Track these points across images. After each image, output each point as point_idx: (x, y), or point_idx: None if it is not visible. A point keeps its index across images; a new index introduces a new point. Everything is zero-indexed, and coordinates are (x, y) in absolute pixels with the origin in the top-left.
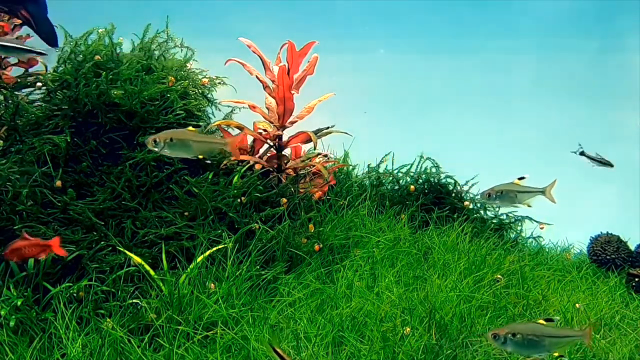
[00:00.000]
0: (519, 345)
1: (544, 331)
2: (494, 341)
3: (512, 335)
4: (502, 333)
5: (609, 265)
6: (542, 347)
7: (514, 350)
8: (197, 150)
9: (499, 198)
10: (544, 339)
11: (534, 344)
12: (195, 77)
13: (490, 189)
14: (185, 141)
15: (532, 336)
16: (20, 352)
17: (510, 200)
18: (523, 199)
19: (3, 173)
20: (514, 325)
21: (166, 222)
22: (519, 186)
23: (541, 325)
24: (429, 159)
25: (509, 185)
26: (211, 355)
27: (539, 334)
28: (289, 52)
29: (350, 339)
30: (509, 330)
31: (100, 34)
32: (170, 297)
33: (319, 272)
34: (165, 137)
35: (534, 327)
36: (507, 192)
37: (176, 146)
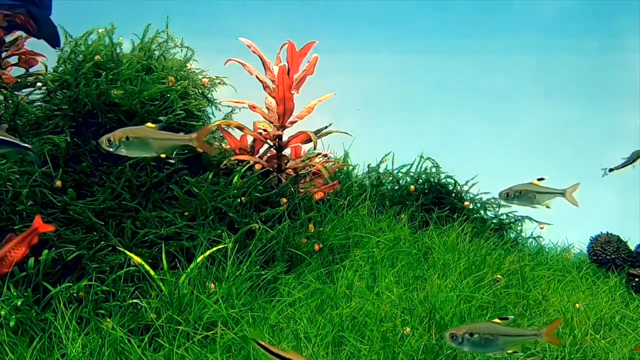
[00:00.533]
0: (476, 345)
1: (499, 330)
2: (452, 341)
3: (470, 335)
4: (460, 333)
5: (609, 265)
6: (497, 345)
7: (470, 349)
8: (157, 148)
9: (517, 198)
10: (498, 338)
11: (490, 343)
12: (195, 77)
13: (509, 188)
14: (143, 139)
15: (488, 335)
16: (20, 352)
17: (529, 200)
18: (542, 200)
19: (3, 173)
20: (471, 325)
21: (166, 222)
22: (538, 187)
23: (497, 324)
24: (429, 159)
25: (528, 185)
26: (211, 355)
27: (495, 333)
28: (289, 52)
29: (350, 339)
30: (467, 330)
31: (100, 34)
32: (170, 297)
33: (319, 272)
34: (121, 136)
35: (490, 326)
36: (526, 193)
37: (133, 144)
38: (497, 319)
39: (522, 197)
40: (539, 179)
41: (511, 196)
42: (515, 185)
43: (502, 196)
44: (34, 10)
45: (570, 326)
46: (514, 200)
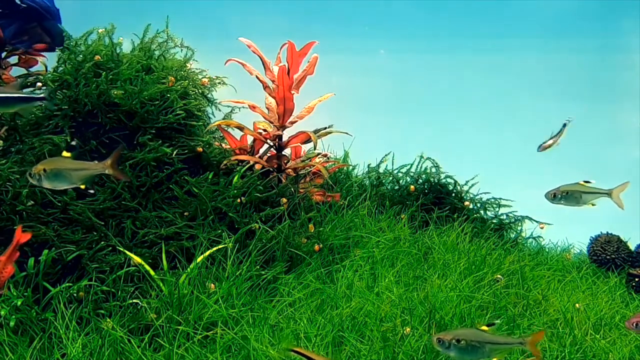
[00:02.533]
0: (462, 351)
1: (485, 338)
2: (439, 346)
3: (457, 341)
4: (447, 338)
5: (609, 265)
6: (483, 353)
7: (456, 355)
8: (75, 179)
9: (564, 198)
10: (485, 345)
11: (476, 350)
12: (195, 77)
13: (556, 189)
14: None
15: (475, 342)
16: (20, 352)
17: (575, 201)
18: (587, 200)
19: (3, 173)
20: (457, 331)
21: (166, 222)
22: (585, 187)
23: (483, 331)
24: (429, 159)
25: (574, 186)
26: (211, 355)
27: (481, 341)
28: (289, 52)
29: (350, 339)
30: (454, 336)
31: (100, 34)
32: (170, 297)
33: (319, 272)
34: (40, 169)
35: (476, 333)
36: (573, 193)
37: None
38: (484, 326)
39: (569, 197)
40: (585, 182)
41: (558, 197)
42: (562, 186)
43: (548, 197)
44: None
45: (570, 326)
46: (561, 200)
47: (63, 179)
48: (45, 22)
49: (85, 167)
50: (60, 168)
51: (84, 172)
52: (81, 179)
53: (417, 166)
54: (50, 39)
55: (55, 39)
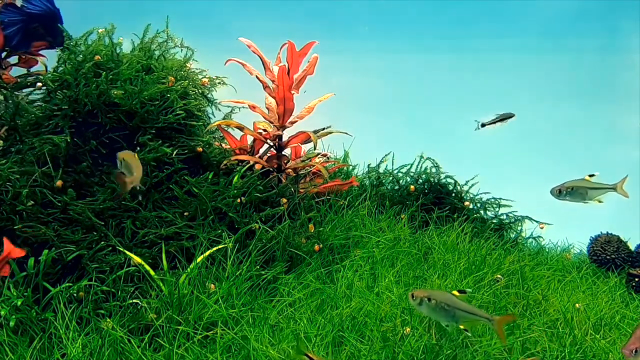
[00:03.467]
0: (432, 310)
1: (456, 303)
2: (412, 300)
3: (428, 299)
4: (420, 295)
5: (609, 265)
6: (451, 317)
7: (426, 313)
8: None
9: (569, 194)
10: (454, 310)
11: (445, 312)
12: (195, 77)
13: (561, 185)
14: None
15: (445, 304)
16: (20, 352)
17: (581, 196)
18: (593, 196)
19: (3, 173)
20: (432, 292)
21: (166, 222)
22: (590, 182)
23: (456, 297)
24: (429, 159)
25: (580, 181)
26: (211, 355)
27: (452, 305)
28: (289, 52)
29: (350, 339)
30: (427, 295)
31: (100, 34)
32: (170, 297)
33: (319, 272)
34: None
35: (449, 297)
36: (578, 189)
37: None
38: (455, 292)
39: (574, 193)
40: (590, 175)
41: (563, 193)
42: (567, 182)
43: (554, 193)
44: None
45: (570, 326)
46: (567, 196)
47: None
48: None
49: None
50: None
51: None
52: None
53: (417, 166)
54: (52, 38)
55: (56, 38)
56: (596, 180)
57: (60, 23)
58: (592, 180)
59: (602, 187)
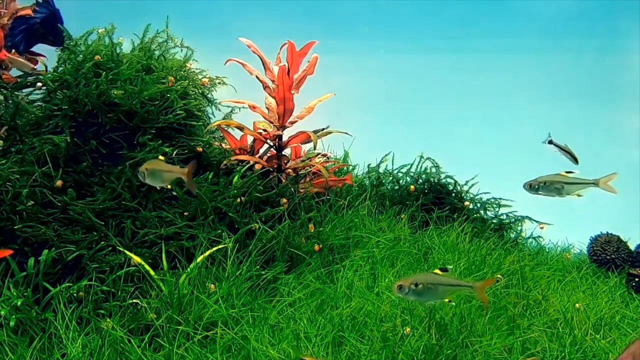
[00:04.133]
0: (419, 294)
1: (439, 280)
2: (399, 292)
3: (415, 285)
4: (407, 284)
5: (609, 265)
6: (437, 294)
7: (415, 299)
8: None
9: (542, 189)
10: (438, 287)
11: (431, 292)
12: (195, 77)
13: (534, 179)
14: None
15: (429, 285)
16: (20, 352)
17: (557, 191)
18: (571, 190)
19: (3, 173)
20: (415, 277)
21: (166, 222)
22: (567, 177)
23: (436, 275)
24: (429, 159)
25: (555, 176)
26: (211, 355)
27: (435, 283)
28: (289, 52)
29: (350, 339)
30: (412, 282)
31: (100, 34)
32: (170, 297)
33: (319, 272)
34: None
35: (430, 277)
36: (553, 184)
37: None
38: (437, 270)
39: (548, 188)
40: (568, 172)
41: (535, 187)
42: (540, 177)
43: (526, 187)
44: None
45: (570, 326)
46: (539, 191)
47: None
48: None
49: (171, 170)
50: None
51: (170, 174)
52: (169, 180)
53: (417, 166)
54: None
55: (57, 38)
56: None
57: (60, 23)
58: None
59: (582, 182)
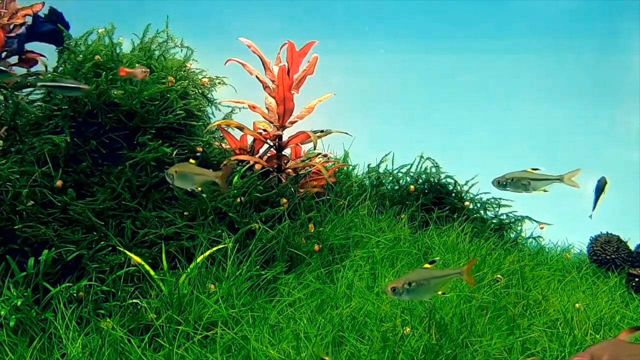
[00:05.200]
0: (414, 292)
1: (429, 274)
2: (393, 295)
3: (409, 284)
4: (400, 285)
5: (609, 265)
6: (430, 289)
7: (410, 297)
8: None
9: (510, 185)
10: (430, 281)
11: (424, 287)
12: (195, 77)
13: (502, 176)
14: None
15: (422, 281)
16: (20, 352)
17: (524, 187)
18: (538, 187)
19: (3, 173)
20: (406, 276)
21: (166, 222)
22: (533, 174)
23: (427, 269)
24: (429, 159)
25: (522, 173)
26: (211, 355)
27: (426, 277)
28: (288, 52)
29: (350, 339)
30: (405, 281)
31: (100, 34)
32: (170, 297)
33: (319, 272)
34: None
35: (421, 272)
36: (520, 180)
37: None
38: (426, 264)
39: (516, 184)
40: (534, 169)
41: (503, 183)
42: (508, 173)
43: (494, 184)
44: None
45: (570, 326)
46: (507, 187)
47: (189, 181)
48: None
49: (204, 173)
50: (187, 172)
51: (202, 177)
52: (200, 183)
53: (417, 166)
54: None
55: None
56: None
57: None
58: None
59: (547, 178)
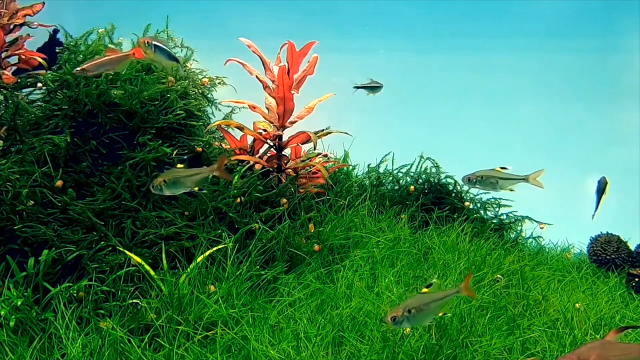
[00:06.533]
0: (414, 319)
1: (428, 298)
2: (394, 324)
3: (408, 312)
4: (400, 313)
5: (609, 265)
6: (430, 314)
7: (411, 324)
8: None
9: (479, 183)
10: (430, 306)
11: (425, 313)
12: (195, 77)
13: (472, 173)
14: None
15: (422, 307)
16: (20, 352)
17: (492, 186)
18: (505, 185)
19: (3, 173)
20: (405, 303)
21: (166, 222)
22: (501, 173)
23: (425, 294)
24: (429, 159)
25: (490, 171)
26: (211, 355)
27: (427, 302)
28: (289, 52)
29: (350, 339)
30: (404, 309)
31: (100, 34)
32: (170, 297)
33: (319, 272)
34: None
35: (420, 298)
36: (489, 178)
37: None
38: (424, 289)
39: (485, 182)
40: (502, 167)
41: (473, 181)
42: (478, 171)
43: (464, 181)
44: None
45: (570, 326)
46: (476, 184)
47: (181, 185)
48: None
49: (197, 172)
50: (177, 177)
51: (197, 176)
52: (195, 182)
53: (417, 166)
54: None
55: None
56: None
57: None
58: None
59: (513, 177)
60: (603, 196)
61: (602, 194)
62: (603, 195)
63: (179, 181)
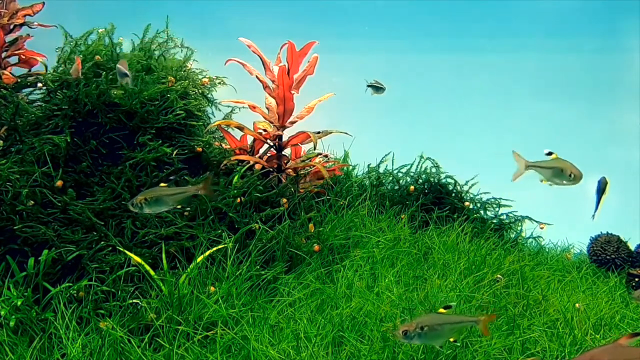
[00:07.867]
0: (426, 337)
1: (443, 319)
2: (404, 338)
3: (421, 328)
4: (412, 329)
5: (609, 265)
6: (443, 335)
7: (421, 342)
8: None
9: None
10: (444, 327)
11: (437, 333)
12: (195, 77)
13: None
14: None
15: (435, 326)
16: (20, 352)
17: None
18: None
19: (3, 173)
20: (419, 319)
21: (166, 222)
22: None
23: (441, 314)
24: (429, 159)
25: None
26: (211, 355)
27: (440, 323)
28: (289, 52)
29: (350, 339)
30: (416, 325)
31: (100, 34)
32: (170, 297)
33: (319, 272)
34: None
35: (435, 317)
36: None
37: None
38: (441, 309)
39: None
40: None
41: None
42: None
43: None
44: None
45: (570, 326)
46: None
47: (162, 204)
48: None
49: (181, 191)
50: (159, 195)
51: (180, 195)
52: (178, 201)
53: (417, 166)
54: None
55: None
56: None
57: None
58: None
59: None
60: (603, 196)
61: (602, 194)
62: (603, 195)
63: (161, 199)
